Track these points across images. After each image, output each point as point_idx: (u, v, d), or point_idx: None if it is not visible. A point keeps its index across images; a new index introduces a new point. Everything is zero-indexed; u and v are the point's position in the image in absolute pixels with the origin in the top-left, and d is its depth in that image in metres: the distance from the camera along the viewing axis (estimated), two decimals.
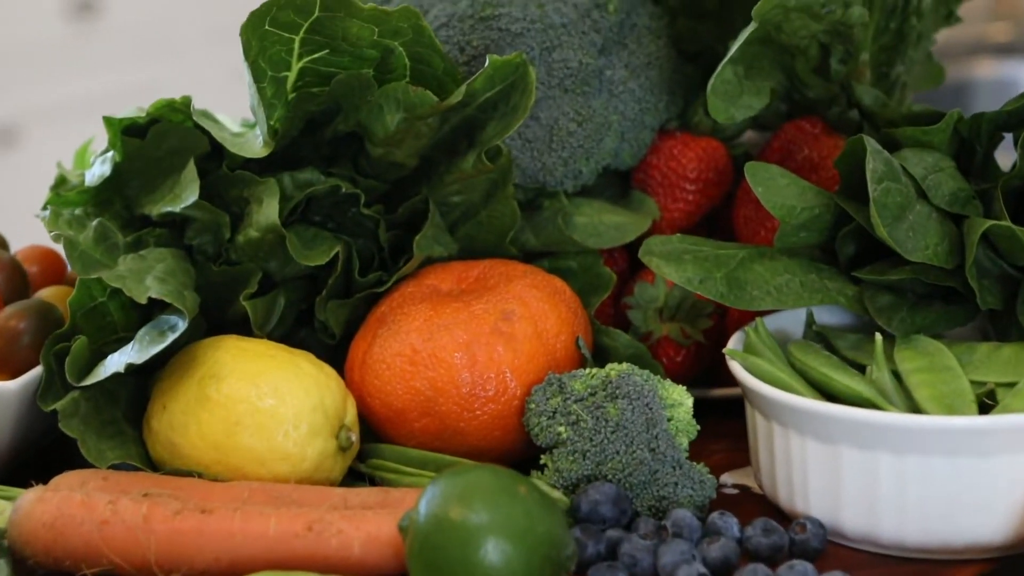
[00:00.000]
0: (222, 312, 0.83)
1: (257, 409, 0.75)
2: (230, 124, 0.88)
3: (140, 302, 0.75)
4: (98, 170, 0.81)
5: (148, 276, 0.76)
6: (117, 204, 0.83)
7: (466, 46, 0.89)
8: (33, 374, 0.77)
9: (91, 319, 0.78)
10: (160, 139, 0.82)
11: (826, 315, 0.86)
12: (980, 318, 0.83)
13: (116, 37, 2.60)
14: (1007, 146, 0.84)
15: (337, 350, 0.85)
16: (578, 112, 0.90)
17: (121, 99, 2.58)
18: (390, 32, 0.81)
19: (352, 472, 0.81)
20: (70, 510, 0.69)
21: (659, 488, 0.76)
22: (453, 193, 0.87)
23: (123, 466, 0.76)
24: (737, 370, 0.79)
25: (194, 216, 0.81)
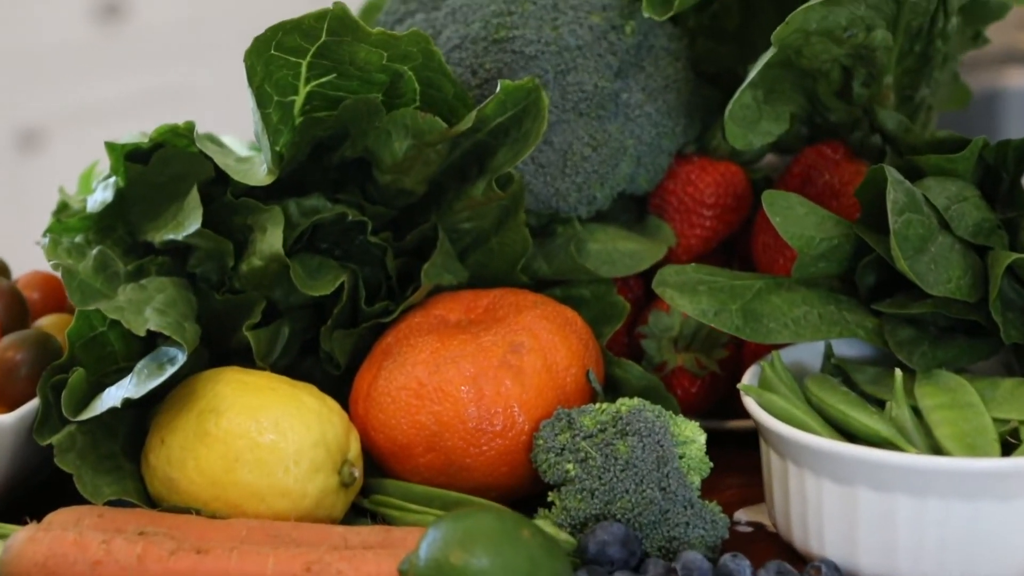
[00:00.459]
0: (225, 341, 0.81)
1: (257, 444, 0.74)
2: (237, 147, 0.87)
3: (139, 335, 0.74)
4: (100, 196, 0.80)
5: (148, 307, 0.75)
6: (120, 230, 0.82)
7: (479, 69, 0.87)
8: (29, 407, 0.76)
9: (91, 349, 0.77)
10: (164, 164, 0.81)
11: (845, 347, 0.83)
12: (1004, 351, 0.81)
13: (142, 40, 2.60)
14: None
15: (343, 380, 0.83)
16: (593, 136, 0.88)
17: (147, 103, 2.59)
18: (399, 56, 0.80)
19: (355, 507, 0.79)
20: (62, 549, 0.68)
21: (669, 528, 0.74)
22: (463, 220, 0.85)
23: (120, 502, 0.74)
24: (751, 407, 0.77)
25: (197, 244, 0.80)
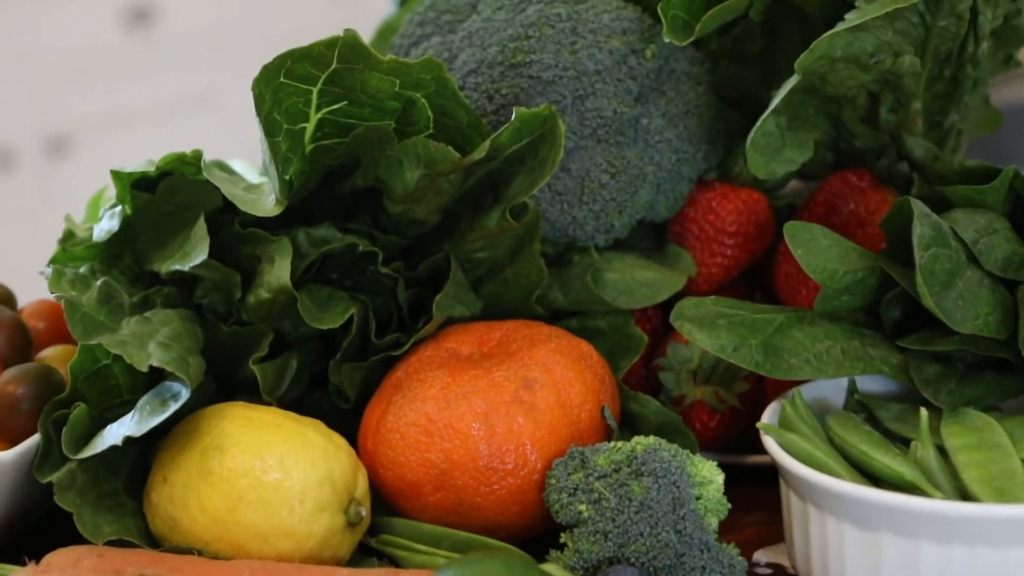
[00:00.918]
0: (233, 373, 0.80)
1: (261, 483, 0.72)
2: (249, 173, 0.85)
3: (141, 370, 0.72)
4: (107, 225, 0.79)
5: (151, 341, 0.73)
6: (127, 258, 0.80)
7: (495, 94, 0.85)
8: (30, 443, 0.74)
9: (94, 383, 0.75)
10: (171, 193, 0.79)
11: (869, 382, 0.81)
12: None
13: (172, 45, 2.59)
14: None
15: (353, 414, 0.81)
16: (611, 163, 0.86)
17: (176, 108, 2.59)
18: (412, 84, 0.78)
19: (362, 546, 0.77)
20: None
21: (685, 572, 0.72)
22: (477, 250, 0.83)
23: (121, 541, 0.73)
24: (771, 447, 0.74)
25: (203, 275, 0.78)
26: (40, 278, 0.82)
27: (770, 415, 0.77)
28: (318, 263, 0.81)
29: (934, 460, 0.73)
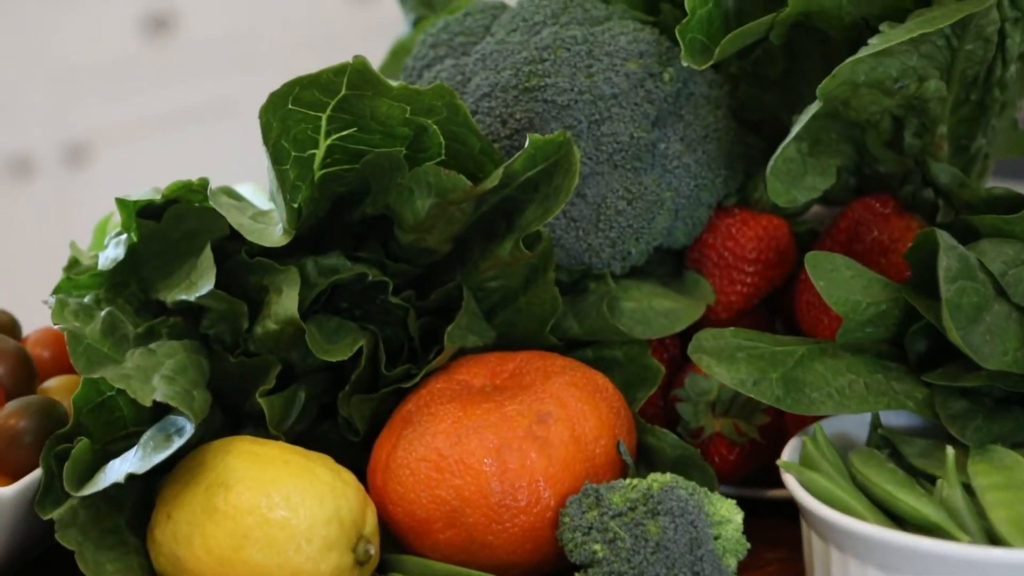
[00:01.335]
0: (240, 405, 0.78)
1: (267, 521, 0.70)
2: (258, 199, 0.83)
3: (145, 405, 0.70)
4: (112, 253, 0.77)
5: (156, 375, 0.71)
6: (133, 286, 0.79)
7: (508, 118, 0.83)
8: (31, 478, 0.73)
9: (98, 415, 0.74)
10: (177, 221, 0.77)
11: (893, 416, 0.79)
12: None
13: (192, 54, 2.59)
14: None
15: (362, 446, 0.79)
16: (628, 189, 0.84)
17: (195, 117, 2.58)
18: (423, 110, 0.76)
19: None
20: None
21: None
22: (490, 279, 0.81)
23: None
24: (792, 485, 0.72)
25: (210, 306, 0.77)
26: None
27: (791, 451, 0.75)
28: (327, 292, 0.80)
29: (961, 500, 0.71)
